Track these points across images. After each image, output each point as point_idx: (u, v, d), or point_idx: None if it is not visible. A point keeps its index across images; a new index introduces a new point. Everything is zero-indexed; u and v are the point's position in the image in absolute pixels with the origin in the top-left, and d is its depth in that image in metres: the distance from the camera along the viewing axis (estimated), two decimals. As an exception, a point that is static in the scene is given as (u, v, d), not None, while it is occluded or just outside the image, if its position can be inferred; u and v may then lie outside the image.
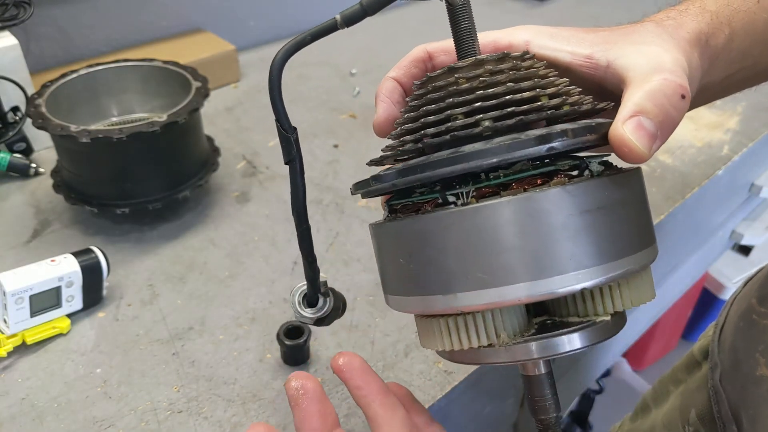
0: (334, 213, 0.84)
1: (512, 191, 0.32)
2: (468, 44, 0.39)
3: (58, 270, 0.64)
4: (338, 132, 1.03)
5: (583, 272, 0.32)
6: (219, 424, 0.57)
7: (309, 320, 0.48)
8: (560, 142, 0.31)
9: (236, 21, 1.29)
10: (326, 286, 0.48)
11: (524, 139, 0.31)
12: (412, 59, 0.43)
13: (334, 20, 0.39)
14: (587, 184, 0.32)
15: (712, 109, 1.10)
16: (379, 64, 1.23)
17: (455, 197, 0.34)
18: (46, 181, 0.87)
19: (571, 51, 0.39)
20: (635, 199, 0.35)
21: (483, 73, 0.36)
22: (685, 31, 0.39)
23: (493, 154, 0.31)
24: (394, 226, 0.36)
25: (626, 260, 0.33)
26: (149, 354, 0.64)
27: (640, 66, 0.36)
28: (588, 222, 0.32)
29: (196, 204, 0.85)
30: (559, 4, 1.53)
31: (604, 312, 0.35)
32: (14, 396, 0.59)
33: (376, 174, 0.35)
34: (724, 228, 1.38)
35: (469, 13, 0.38)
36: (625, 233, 0.33)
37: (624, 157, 0.33)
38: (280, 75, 0.39)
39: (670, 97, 0.33)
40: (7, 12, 0.89)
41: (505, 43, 0.41)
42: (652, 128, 0.33)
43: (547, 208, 0.31)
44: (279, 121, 0.41)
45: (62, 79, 0.83)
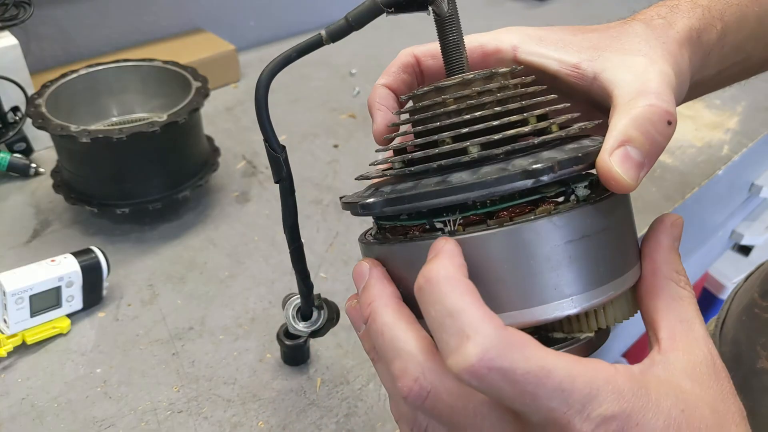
0: (334, 213, 0.84)
1: (499, 220, 0.33)
2: (456, 57, 0.38)
3: (58, 270, 0.64)
4: (338, 132, 1.03)
5: (566, 301, 0.32)
6: (219, 424, 0.57)
7: (304, 333, 0.49)
8: (547, 176, 0.31)
9: (236, 21, 1.29)
10: (320, 299, 0.48)
11: (511, 172, 0.31)
12: (400, 64, 0.43)
13: (320, 36, 0.39)
14: (571, 214, 0.32)
15: (712, 109, 1.10)
16: (379, 65, 1.23)
17: (443, 224, 0.34)
18: (46, 181, 0.87)
19: (558, 59, 0.39)
20: (620, 224, 0.35)
21: (470, 95, 0.36)
22: (675, 30, 0.38)
23: (480, 187, 0.31)
24: (383, 249, 0.36)
25: (609, 286, 0.33)
26: (149, 354, 0.64)
27: (627, 84, 0.35)
28: (572, 251, 0.32)
29: (196, 204, 0.85)
30: (559, 4, 1.53)
31: (588, 329, 0.35)
32: (14, 396, 0.59)
33: (364, 202, 0.35)
34: (724, 228, 1.38)
35: (457, 25, 0.38)
36: (609, 259, 0.33)
37: (611, 188, 0.33)
38: (266, 93, 0.39)
39: (656, 124, 0.33)
40: (7, 12, 0.89)
41: (492, 48, 0.41)
42: (639, 157, 0.33)
43: (532, 240, 0.32)
44: (267, 141, 0.40)
45: (62, 79, 0.83)
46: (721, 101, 1.12)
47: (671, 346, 0.32)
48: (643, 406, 0.28)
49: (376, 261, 0.36)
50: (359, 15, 0.38)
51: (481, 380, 0.27)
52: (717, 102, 1.11)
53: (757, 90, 1.14)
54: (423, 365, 0.31)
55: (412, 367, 0.31)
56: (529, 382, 0.27)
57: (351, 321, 0.37)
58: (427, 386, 0.31)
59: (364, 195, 0.37)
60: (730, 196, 1.26)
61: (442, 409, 0.31)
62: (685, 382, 0.31)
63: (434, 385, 0.31)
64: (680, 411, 0.29)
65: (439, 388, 0.31)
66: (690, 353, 0.32)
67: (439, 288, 0.29)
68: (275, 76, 0.39)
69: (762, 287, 0.64)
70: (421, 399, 0.31)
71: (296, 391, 0.60)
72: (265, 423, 0.57)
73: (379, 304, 0.33)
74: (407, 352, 0.31)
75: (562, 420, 0.28)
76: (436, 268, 0.30)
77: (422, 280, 0.30)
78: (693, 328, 0.33)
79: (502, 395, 0.28)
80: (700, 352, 0.32)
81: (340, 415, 0.58)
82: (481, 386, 0.28)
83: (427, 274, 0.30)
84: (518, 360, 0.27)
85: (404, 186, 0.34)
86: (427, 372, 0.31)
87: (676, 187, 0.91)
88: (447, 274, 0.29)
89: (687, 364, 0.32)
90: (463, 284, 0.29)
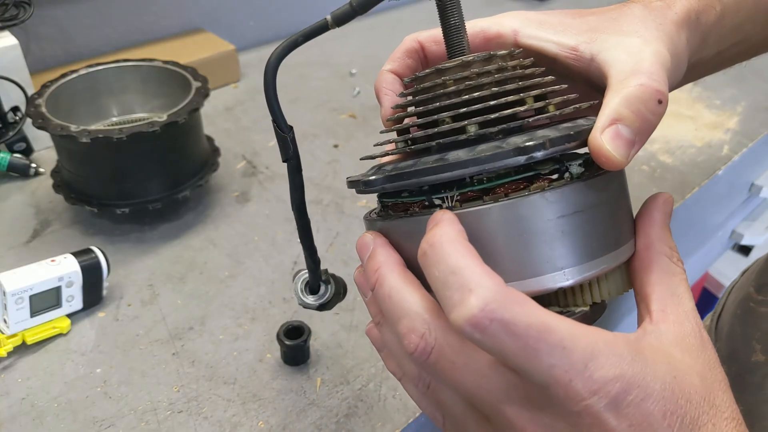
0: (334, 213, 0.84)
1: (494, 196, 0.34)
2: (457, 41, 0.39)
3: (58, 270, 0.64)
4: (338, 132, 1.03)
5: (559, 274, 0.33)
6: (219, 424, 0.57)
7: (312, 306, 0.50)
8: (540, 152, 0.32)
9: (236, 21, 1.29)
10: (327, 274, 0.50)
11: (505, 149, 0.32)
12: (404, 50, 0.44)
13: (325, 20, 0.40)
14: (564, 190, 0.33)
15: (712, 109, 1.10)
16: (379, 65, 1.23)
17: (441, 200, 0.35)
18: (46, 181, 0.87)
19: (557, 42, 0.40)
20: (613, 200, 0.36)
21: (469, 76, 0.37)
22: (674, 12, 0.39)
23: (475, 164, 0.33)
24: (385, 224, 0.37)
25: (601, 260, 0.34)
26: (149, 354, 0.64)
27: (621, 63, 0.36)
28: (564, 225, 0.33)
29: (196, 204, 0.85)
30: (557, 4, 1.53)
31: (583, 303, 0.36)
32: (14, 396, 0.59)
33: (367, 179, 0.36)
34: (724, 228, 1.38)
35: (459, 9, 0.39)
36: (601, 234, 0.35)
37: (602, 165, 0.34)
38: (274, 76, 0.40)
39: (647, 103, 0.34)
40: (7, 12, 0.89)
41: (494, 33, 0.42)
42: (630, 135, 0.34)
43: (525, 214, 0.33)
44: (276, 121, 0.42)
45: (62, 79, 0.83)
46: (721, 101, 1.12)
47: (662, 318, 0.34)
48: (642, 370, 0.29)
49: (378, 233, 0.37)
50: (364, 0, 0.38)
51: (483, 332, 0.28)
52: (717, 102, 1.11)
53: (757, 90, 1.14)
54: (429, 322, 0.32)
55: (419, 325, 0.32)
56: (531, 336, 0.28)
57: (358, 288, 0.39)
58: (431, 342, 0.32)
59: (368, 173, 0.39)
60: (730, 196, 1.26)
61: (444, 364, 0.32)
62: (675, 351, 0.32)
63: (438, 341, 0.32)
64: (673, 377, 0.30)
65: (442, 344, 0.32)
66: (680, 325, 0.33)
67: (442, 249, 0.30)
68: (283, 59, 0.40)
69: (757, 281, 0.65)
70: (425, 354, 0.32)
71: (296, 391, 0.60)
72: (265, 423, 0.57)
73: (385, 270, 0.35)
74: (414, 311, 0.33)
75: (563, 378, 0.28)
76: (438, 233, 0.31)
77: (425, 246, 0.31)
78: (683, 302, 0.34)
79: (504, 349, 0.28)
80: (689, 324, 0.34)
81: (340, 415, 0.58)
82: (483, 339, 0.28)
83: (430, 239, 0.31)
84: (519, 314, 0.28)
85: (405, 164, 0.36)
86: (432, 328, 0.32)
87: (676, 187, 0.91)
88: (449, 238, 0.31)
89: (677, 335, 0.33)
90: (464, 245, 0.31)
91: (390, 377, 0.61)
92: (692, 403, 0.30)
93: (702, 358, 0.33)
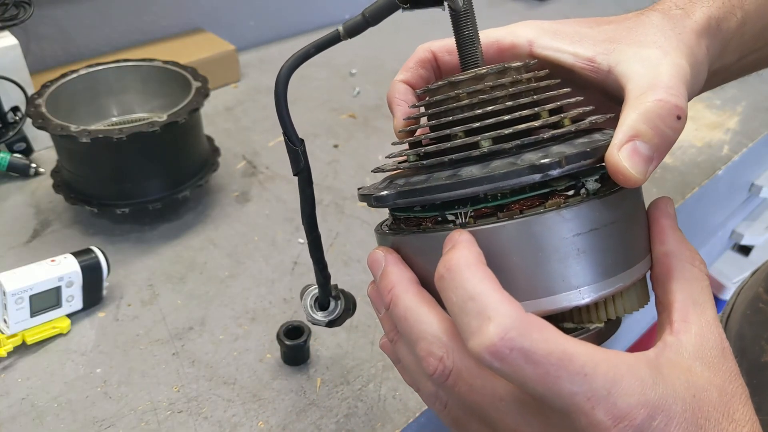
0: (334, 213, 0.84)
1: (509, 213, 0.33)
2: (470, 52, 0.39)
3: (58, 270, 0.64)
4: (338, 132, 1.03)
5: (574, 292, 0.33)
6: (219, 424, 0.57)
7: (321, 323, 0.49)
8: (556, 171, 0.32)
9: (236, 21, 1.29)
10: (337, 289, 0.49)
11: (520, 167, 0.32)
12: (417, 60, 0.43)
13: (337, 32, 0.39)
14: (580, 207, 0.33)
15: (712, 109, 1.10)
16: (380, 65, 1.23)
17: (455, 216, 0.35)
18: (46, 181, 0.87)
19: (573, 53, 0.39)
20: (629, 216, 0.35)
21: (483, 89, 0.36)
22: (693, 20, 0.38)
23: (489, 182, 0.32)
24: (398, 239, 0.37)
25: (617, 278, 0.34)
26: (149, 354, 0.64)
27: (639, 77, 0.35)
28: (580, 243, 0.33)
29: (196, 204, 0.85)
30: (559, 4, 1.53)
31: (598, 320, 0.35)
32: (14, 396, 0.59)
33: (379, 194, 0.36)
34: (724, 228, 1.38)
35: (473, 20, 0.38)
36: (618, 251, 0.34)
37: (619, 182, 0.33)
38: (285, 88, 0.40)
39: (665, 119, 0.33)
40: (7, 12, 0.89)
41: (508, 43, 0.41)
42: (648, 152, 0.33)
43: (540, 232, 0.32)
44: (287, 134, 0.41)
45: (62, 79, 0.83)
46: (721, 101, 1.12)
47: (684, 329, 0.33)
48: (664, 392, 0.29)
49: (390, 249, 0.37)
50: (376, 11, 0.38)
51: (502, 360, 0.28)
52: (717, 102, 1.11)
53: (757, 90, 1.14)
54: (447, 345, 0.32)
55: (436, 348, 0.32)
56: (551, 364, 0.27)
57: (372, 304, 0.39)
58: (449, 365, 0.32)
59: (380, 187, 0.38)
60: (730, 196, 1.26)
61: (462, 387, 0.32)
62: (695, 365, 0.31)
63: (456, 365, 0.32)
64: (692, 396, 0.30)
65: (460, 367, 0.32)
66: (701, 336, 0.33)
67: (460, 274, 0.30)
68: (294, 71, 0.40)
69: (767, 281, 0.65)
70: (443, 377, 0.32)
71: (296, 391, 0.60)
72: (265, 423, 0.57)
73: (399, 289, 0.35)
74: (431, 333, 0.33)
75: (586, 406, 0.28)
76: (456, 256, 0.31)
77: (443, 269, 0.31)
78: (705, 311, 0.34)
79: (524, 377, 0.28)
80: (711, 335, 0.33)
81: (340, 415, 0.58)
82: (503, 367, 0.28)
83: (448, 263, 0.31)
84: (539, 341, 0.28)
85: (417, 179, 0.35)
86: (450, 351, 0.32)
87: (676, 187, 0.91)
88: (467, 262, 0.30)
89: (698, 348, 0.32)
90: (483, 270, 0.30)
91: (390, 378, 0.61)
92: (711, 421, 0.30)
93: (722, 370, 0.32)
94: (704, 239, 1.29)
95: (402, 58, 0.44)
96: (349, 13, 1.41)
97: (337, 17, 1.41)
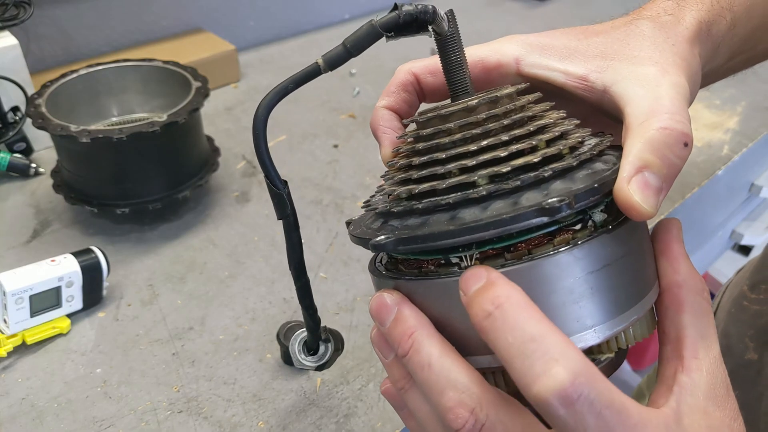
0: (333, 213, 0.84)
1: (516, 254, 0.32)
2: (459, 78, 0.37)
3: (58, 270, 0.64)
4: (338, 132, 1.03)
5: (589, 333, 0.32)
6: (219, 424, 0.57)
7: (311, 368, 0.49)
8: (565, 212, 0.30)
9: (236, 21, 1.29)
10: (326, 332, 0.48)
11: (527, 209, 0.30)
12: (398, 83, 0.41)
13: (317, 65, 0.37)
14: (591, 244, 0.31)
15: (712, 109, 1.10)
16: (379, 65, 1.23)
17: (459, 259, 0.33)
18: (46, 181, 0.87)
19: (564, 71, 0.37)
20: (639, 246, 0.34)
21: (476, 122, 0.34)
22: (684, 26, 0.37)
23: (495, 226, 0.30)
24: (401, 285, 0.35)
25: (630, 311, 0.33)
26: (149, 354, 0.64)
27: (639, 100, 0.34)
28: (593, 282, 0.31)
29: (196, 204, 0.85)
30: (558, 4, 1.53)
31: (609, 351, 0.35)
32: (14, 396, 0.59)
33: (376, 242, 0.33)
34: (724, 228, 1.38)
35: (459, 44, 0.37)
36: (630, 284, 0.33)
37: (631, 217, 0.32)
38: (265, 128, 0.38)
39: (673, 147, 0.32)
40: (7, 12, 0.89)
41: (494, 62, 0.39)
42: (658, 183, 0.32)
43: (553, 274, 0.31)
44: (269, 178, 0.39)
45: (62, 79, 0.83)
46: (721, 101, 1.12)
47: (695, 367, 0.32)
48: None
49: (396, 291, 0.34)
50: (357, 40, 0.36)
51: (569, 406, 0.26)
52: (717, 102, 1.11)
53: (757, 90, 1.14)
54: (480, 397, 0.30)
55: (468, 398, 0.30)
56: (612, 418, 0.27)
57: (377, 350, 0.36)
58: (482, 418, 0.30)
59: (373, 228, 0.36)
60: (730, 196, 1.26)
61: None
62: (709, 407, 0.31)
63: (490, 418, 0.30)
64: None
65: (494, 421, 0.30)
66: (711, 375, 0.32)
67: (515, 313, 0.28)
68: (272, 109, 0.38)
69: (751, 279, 0.65)
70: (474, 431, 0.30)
71: (296, 391, 0.60)
72: (265, 423, 0.57)
73: (422, 334, 0.32)
74: (462, 383, 0.31)
75: None
76: (503, 293, 0.29)
77: (490, 306, 0.29)
78: (712, 346, 0.33)
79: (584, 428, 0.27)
80: (719, 372, 0.33)
81: (340, 415, 0.58)
82: (567, 414, 0.27)
83: (496, 300, 0.29)
84: (603, 391, 0.27)
85: (414, 222, 0.33)
86: (483, 404, 0.30)
87: (676, 187, 0.91)
88: (518, 300, 0.29)
89: (709, 387, 0.32)
90: (536, 309, 0.29)
91: (390, 377, 0.61)
92: None
93: (728, 408, 0.32)
94: (704, 239, 1.29)
95: (402, 58, 0.43)
96: (350, 13, 1.42)
97: (337, 17, 1.41)
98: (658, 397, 0.32)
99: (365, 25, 0.36)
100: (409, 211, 0.35)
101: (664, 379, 0.33)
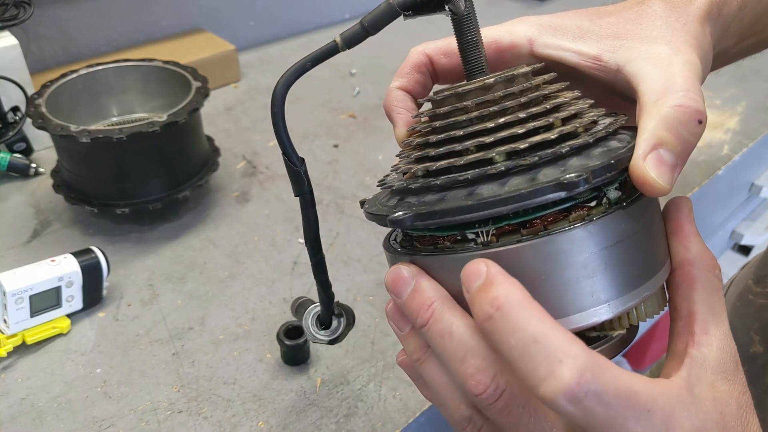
0: (334, 213, 0.84)
1: (532, 229, 0.32)
2: (475, 57, 0.37)
3: (58, 270, 0.64)
4: (338, 132, 1.03)
5: (603, 307, 0.32)
6: (219, 424, 0.57)
7: (323, 341, 0.49)
8: (582, 187, 0.30)
9: (236, 21, 1.29)
10: (339, 307, 0.49)
11: (545, 184, 0.30)
12: (412, 64, 0.42)
13: (335, 43, 0.38)
14: (605, 220, 0.32)
15: (712, 109, 1.10)
16: (380, 65, 1.23)
17: (475, 235, 0.33)
18: (46, 181, 0.87)
19: (577, 51, 0.38)
20: (652, 223, 0.35)
21: (492, 100, 0.35)
22: (695, 6, 0.37)
23: (513, 201, 0.30)
24: (417, 260, 0.35)
25: (643, 287, 0.33)
26: (149, 354, 0.64)
27: (652, 79, 0.34)
28: (607, 257, 0.32)
29: (196, 204, 0.85)
30: (558, 4, 1.53)
31: (620, 327, 0.35)
32: (14, 396, 0.59)
33: (394, 217, 0.33)
34: (724, 228, 1.38)
35: (475, 24, 0.37)
36: (643, 260, 0.33)
37: (646, 193, 0.33)
38: (283, 106, 0.38)
39: (687, 125, 0.32)
40: (7, 12, 0.89)
41: (507, 43, 0.40)
42: (672, 160, 0.32)
43: (568, 249, 0.31)
44: (286, 155, 0.39)
45: (62, 79, 0.83)
46: (721, 101, 1.12)
47: (706, 342, 0.33)
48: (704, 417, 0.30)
49: (413, 265, 0.35)
50: (375, 19, 0.36)
51: (576, 404, 0.27)
52: (717, 102, 1.11)
53: (757, 90, 1.14)
54: (501, 364, 0.31)
55: (489, 365, 0.31)
56: (620, 405, 0.27)
57: (393, 323, 0.36)
58: (503, 384, 0.31)
59: (390, 205, 0.36)
60: (730, 196, 1.26)
61: (513, 409, 0.31)
62: (718, 381, 0.32)
63: (510, 384, 0.31)
64: (720, 413, 0.30)
65: (515, 387, 0.31)
66: (720, 350, 0.33)
67: (515, 315, 0.28)
68: (291, 86, 0.38)
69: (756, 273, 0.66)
70: (494, 397, 0.31)
71: (296, 391, 0.60)
72: (265, 423, 0.57)
73: (441, 304, 0.33)
74: (482, 351, 0.31)
75: None
76: (503, 293, 0.29)
77: (491, 308, 0.29)
78: (722, 322, 0.34)
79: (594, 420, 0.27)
80: (728, 347, 0.33)
81: (340, 415, 0.58)
82: (576, 411, 0.27)
83: (495, 301, 0.29)
84: (609, 381, 0.27)
85: (431, 198, 0.34)
86: (505, 371, 0.31)
87: (676, 187, 0.90)
88: (518, 299, 0.29)
89: (719, 362, 0.32)
90: (537, 307, 0.29)
91: (390, 377, 0.61)
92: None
93: (737, 382, 0.32)
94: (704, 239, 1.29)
95: (402, 58, 0.43)
96: (350, 13, 1.41)
97: (337, 17, 1.41)
98: (669, 370, 0.33)
99: (383, 4, 0.36)
100: (427, 187, 0.35)
101: (675, 353, 0.34)
